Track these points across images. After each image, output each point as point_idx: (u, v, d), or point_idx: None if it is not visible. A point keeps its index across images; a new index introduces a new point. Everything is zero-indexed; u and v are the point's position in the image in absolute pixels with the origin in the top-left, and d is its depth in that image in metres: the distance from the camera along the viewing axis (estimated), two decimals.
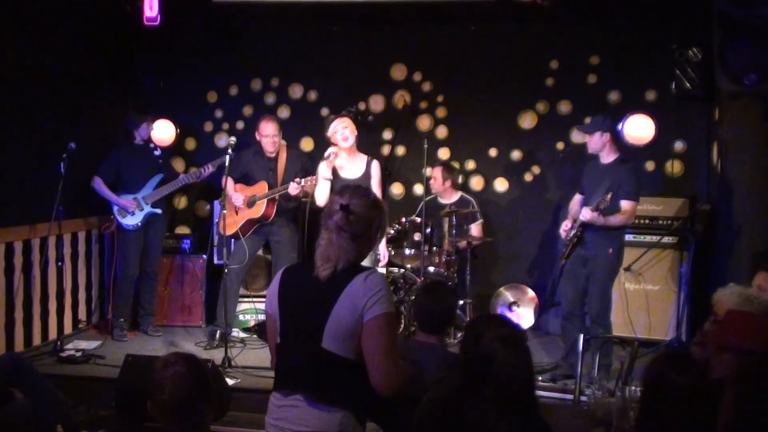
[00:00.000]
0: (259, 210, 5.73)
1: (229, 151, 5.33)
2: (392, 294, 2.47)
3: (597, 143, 4.94)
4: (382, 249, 5.53)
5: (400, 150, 6.80)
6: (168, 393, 2.24)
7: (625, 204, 4.81)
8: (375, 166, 5.39)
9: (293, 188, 5.41)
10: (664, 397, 2.17)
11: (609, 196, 4.62)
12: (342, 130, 5.30)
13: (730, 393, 2.28)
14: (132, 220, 5.96)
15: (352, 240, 2.45)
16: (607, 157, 4.97)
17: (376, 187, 5.29)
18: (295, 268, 2.65)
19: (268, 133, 5.78)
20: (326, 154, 5.31)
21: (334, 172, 5.33)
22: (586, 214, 4.73)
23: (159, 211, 6.04)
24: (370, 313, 2.38)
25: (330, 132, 5.35)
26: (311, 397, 2.43)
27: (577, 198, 5.23)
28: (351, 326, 2.39)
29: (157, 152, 6.11)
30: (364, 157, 5.43)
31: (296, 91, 6.89)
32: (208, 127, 6.98)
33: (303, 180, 5.36)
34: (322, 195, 5.30)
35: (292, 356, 2.48)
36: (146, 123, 6.01)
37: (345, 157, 5.38)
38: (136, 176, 5.99)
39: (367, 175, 5.32)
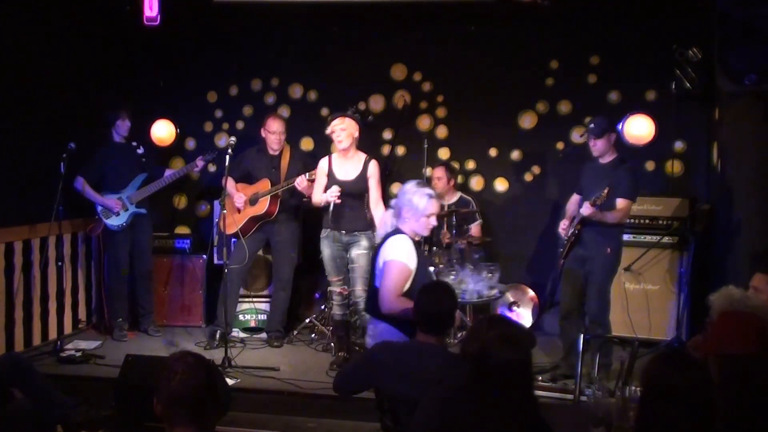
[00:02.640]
0: (262, 207, 5.73)
1: (229, 151, 5.33)
2: (404, 251, 3.76)
3: (605, 145, 4.91)
4: None
5: (400, 150, 6.80)
6: (178, 380, 2.25)
7: (620, 202, 4.81)
8: (373, 165, 5.25)
9: (300, 181, 5.38)
10: (663, 396, 2.17)
11: (606, 191, 4.63)
12: (339, 132, 5.15)
13: (718, 397, 2.28)
14: (117, 221, 5.93)
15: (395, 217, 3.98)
16: (606, 157, 4.97)
17: (375, 187, 5.23)
18: None
19: (275, 130, 5.79)
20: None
21: (330, 172, 5.24)
22: (586, 209, 4.74)
23: (144, 210, 6.02)
24: (385, 261, 3.76)
25: (329, 131, 5.27)
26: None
27: (575, 198, 5.23)
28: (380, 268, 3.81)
29: (140, 151, 6.08)
30: (362, 157, 5.28)
31: (296, 91, 6.89)
32: (208, 127, 6.98)
33: (308, 174, 5.34)
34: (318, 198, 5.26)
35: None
36: (120, 119, 5.96)
37: (340, 159, 5.28)
38: (119, 176, 5.97)
39: (363, 176, 5.21)
